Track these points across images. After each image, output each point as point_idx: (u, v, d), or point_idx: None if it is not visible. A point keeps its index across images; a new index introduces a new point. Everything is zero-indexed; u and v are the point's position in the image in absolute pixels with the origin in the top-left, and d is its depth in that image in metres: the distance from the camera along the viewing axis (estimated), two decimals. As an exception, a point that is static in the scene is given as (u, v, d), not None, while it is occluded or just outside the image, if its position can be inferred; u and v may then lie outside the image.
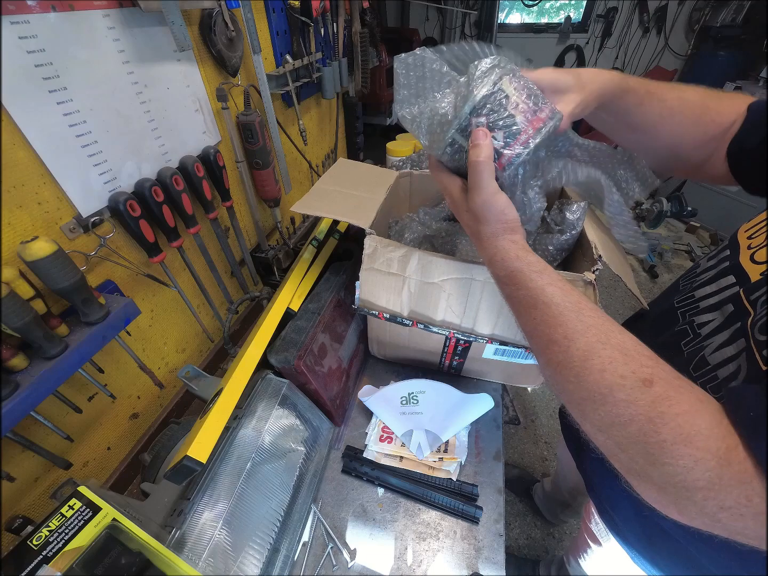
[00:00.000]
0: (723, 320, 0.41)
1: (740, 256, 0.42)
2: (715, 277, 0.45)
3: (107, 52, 0.58)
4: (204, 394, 0.64)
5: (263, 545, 0.55)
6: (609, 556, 0.68)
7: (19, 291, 0.45)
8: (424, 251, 0.61)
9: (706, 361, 0.42)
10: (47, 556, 0.39)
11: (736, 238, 0.45)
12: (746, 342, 0.37)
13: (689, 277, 0.52)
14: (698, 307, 0.46)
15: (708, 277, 0.47)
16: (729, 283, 0.42)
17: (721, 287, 0.44)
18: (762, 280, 0.37)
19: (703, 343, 0.43)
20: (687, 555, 0.49)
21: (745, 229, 0.44)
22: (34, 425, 0.55)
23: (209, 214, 0.79)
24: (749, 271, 0.40)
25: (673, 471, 0.29)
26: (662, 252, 2.61)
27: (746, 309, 0.38)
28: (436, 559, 0.59)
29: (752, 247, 0.41)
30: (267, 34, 0.94)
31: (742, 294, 0.39)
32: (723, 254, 0.46)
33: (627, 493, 0.54)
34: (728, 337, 0.40)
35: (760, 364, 0.34)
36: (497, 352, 0.71)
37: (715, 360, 0.40)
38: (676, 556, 0.51)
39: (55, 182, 0.54)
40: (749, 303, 0.38)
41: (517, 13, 3.99)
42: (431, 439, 0.70)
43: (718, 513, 0.28)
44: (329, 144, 1.42)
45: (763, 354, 0.33)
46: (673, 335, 0.49)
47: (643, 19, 3.44)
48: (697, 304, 0.46)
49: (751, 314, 0.37)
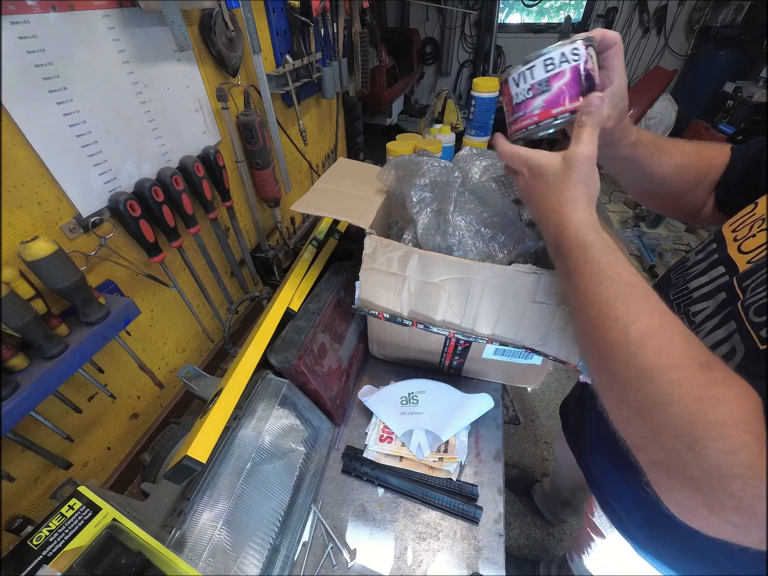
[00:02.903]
0: (715, 307, 0.43)
1: (728, 248, 0.45)
2: (707, 269, 0.47)
3: (107, 52, 0.58)
4: (204, 394, 0.64)
5: (263, 545, 0.55)
6: (612, 550, 0.68)
7: (19, 291, 0.45)
8: (424, 251, 0.61)
9: None
10: (47, 556, 0.39)
11: (721, 232, 0.48)
12: (737, 324, 0.38)
13: (680, 271, 0.54)
14: (692, 297, 0.48)
15: (700, 269, 0.49)
16: (719, 273, 0.45)
17: (712, 277, 0.46)
18: (753, 267, 0.39)
19: (697, 330, 0.45)
20: (691, 544, 0.49)
21: (729, 224, 0.47)
22: (34, 425, 0.55)
23: (209, 214, 0.79)
24: (737, 261, 0.43)
25: (714, 455, 0.28)
26: (662, 252, 2.61)
27: (737, 295, 0.40)
28: (436, 559, 0.59)
29: (738, 239, 0.44)
30: (267, 34, 0.94)
31: (735, 282, 0.41)
32: (710, 248, 0.49)
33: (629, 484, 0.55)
34: (718, 321, 0.42)
35: (757, 343, 0.35)
36: (497, 352, 0.71)
37: (707, 344, 0.41)
38: (680, 544, 0.51)
39: (55, 182, 0.54)
40: (741, 290, 0.40)
41: (517, 13, 3.99)
42: (431, 439, 0.70)
43: (756, 504, 0.27)
44: (329, 144, 1.42)
45: (762, 334, 0.34)
46: None
47: (643, 19, 3.44)
48: (691, 294, 0.48)
49: (741, 298, 0.39)
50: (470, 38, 3.94)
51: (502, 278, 0.58)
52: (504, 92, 0.47)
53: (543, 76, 0.43)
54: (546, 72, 0.43)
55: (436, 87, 4.28)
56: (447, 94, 1.54)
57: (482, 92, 1.33)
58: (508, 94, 0.46)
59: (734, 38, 3.05)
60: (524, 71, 0.44)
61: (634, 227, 2.83)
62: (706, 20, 3.23)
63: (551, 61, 0.42)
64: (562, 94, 0.43)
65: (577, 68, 0.42)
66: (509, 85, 0.46)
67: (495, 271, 0.58)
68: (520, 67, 0.44)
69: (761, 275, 0.37)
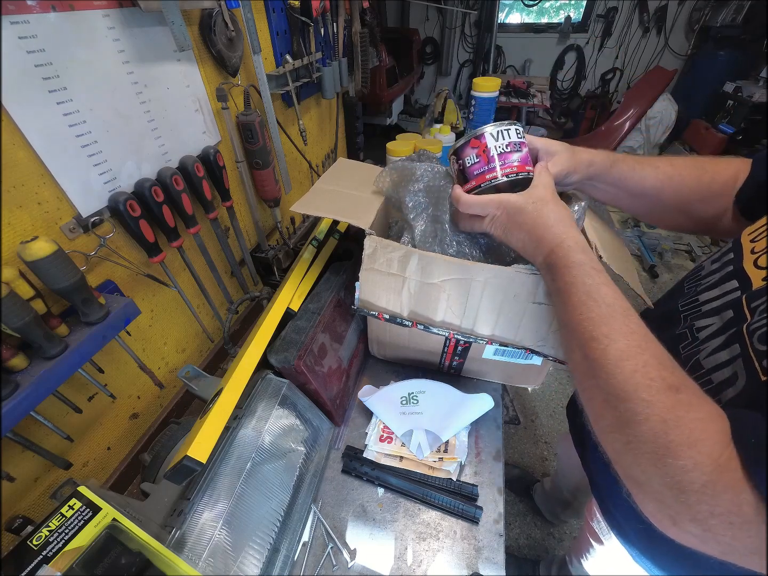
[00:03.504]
0: (721, 325, 0.42)
1: (743, 260, 0.43)
2: (719, 282, 0.46)
3: (107, 52, 0.58)
4: (204, 394, 0.64)
5: (263, 545, 0.55)
6: (611, 556, 0.68)
7: (19, 291, 0.45)
8: (423, 252, 0.61)
9: (701, 364, 0.42)
10: (47, 556, 0.39)
11: (740, 241, 0.45)
12: (741, 348, 0.37)
13: (693, 280, 0.52)
14: (700, 311, 0.46)
15: (712, 281, 0.47)
16: (732, 287, 0.43)
17: (724, 291, 0.44)
18: (764, 287, 0.38)
19: (699, 347, 0.44)
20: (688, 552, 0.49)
21: (749, 232, 0.45)
22: (34, 425, 0.55)
23: (209, 214, 0.79)
24: (752, 276, 0.40)
25: (673, 471, 0.30)
26: (662, 252, 2.61)
27: (745, 315, 0.38)
28: (436, 559, 0.59)
29: (755, 251, 0.42)
30: (267, 34, 0.94)
31: (744, 300, 0.40)
32: (727, 257, 0.47)
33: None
34: (722, 341, 0.41)
35: (759, 374, 0.34)
36: (497, 353, 0.71)
37: (709, 364, 0.41)
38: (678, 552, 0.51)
39: (55, 182, 0.54)
40: (749, 310, 0.38)
41: (517, 13, 3.99)
42: (431, 439, 0.70)
43: (709, 519, 0.29)
44: (329, 144, 1.42)
45: (764, 364, 0.34)
46: (673, 338, 0.49)
47: (643, 19, 3.44)
48: (700, 308, 0.47)
49: (748, 320, 0.37)
50: (470, 38, 3.94)
51: (502, 279, 0.58)
52: (474, 146, 0.52)
53: (516, 139, 0.51)
54: (518, 137, 0.52)
55: (436, 87, 4.29)
56: (447, 93, 1.54)
57: (482, 92, 1.33)
58: (483, 146, 0.51)
59: (734, 38, 3.06)
60: (502, 130, 0.51)
61: (634, 227, 2.83)
62: (706, 20, 3.24)
63: (519, 131, 0.52)
64: (527, 157, 0.52)
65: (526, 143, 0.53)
66: (485, 138, 0.51)
67: (495, 271, 0.58)
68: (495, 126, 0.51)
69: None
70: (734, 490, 0.28)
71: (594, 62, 3.84)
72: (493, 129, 0.51)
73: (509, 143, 0.51)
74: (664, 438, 0.31)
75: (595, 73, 3.91)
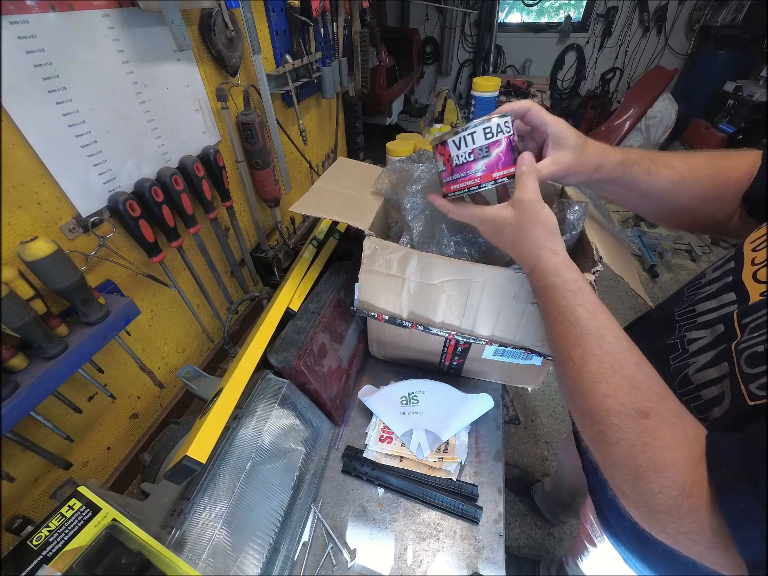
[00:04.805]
0: (711, 339, 0.41)
1: (743, 271, 0.41)
2: (717, 293, 0.44)
3: (107, 52, 0.57)
4: (204, 394, 0.64)
5: (263, 545, 0.55)
6: (604, 558, 0.68)
7: (19, 291, 0.45)
8: (423, 252, 0.61)
9: (690, 380, 0.42)
10: (47, 556, 0.39)
11: (742, 249, 0.43)
12: (729, 367, 0.37)
13: (693, 287, 0.51)
14: (695, 322, 0.45)
15: (711, 291, 0.45)
16: (729, 300, 0.42)
17: (721, 304, 0.42)
18: (757, 303, 0.37)
19: (689, 361, 0.43)
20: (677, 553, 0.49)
21: (751, 240, 0.43)
22: (34, 425, 0.55)
23: (209, 214, 0.79)
24: (750, 290, 0.39)
25: (642, 492, 0.32)
26: (662, 252, 2.61)
27: (735, 332, 0.38)
28: (436, 559, 0.59)
29: (755, 262, 0.40)
30: (267, 34, 0.94)
31: (735, 316, 0.39)
32: (728, 266, 0.45)
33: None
34: (711, 358, 0.40)
35: (745, 398, 0.33)
36: (497, 353, 0.71)
37: (698, 380, 0.41)
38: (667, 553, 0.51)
39: (54, 182, 0.54)
40: (740, 327, 0.37)
41: (517, 12, 3.98)
42: (431, 439, 0.70)
43: (676, 536, 0.32)
44: (329, 144, 1.42)
45: (751, 388, 0.33)
46: (665, 347, 0.48)
47: (643, 18, 3.44)
48: (695, 318, 0.46)
49: (738, 337, 0.37)
50: (470, 38, 3.94)
51: (501, 279, 0.58)
52: (441, 152, 0.50)
53: (483, 142, 0.47)
54: (486, 139, 0.47)
55: (436, 87, 4.28)
56: (447, 93, 1.54)
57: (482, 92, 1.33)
58: (447, 155, 0.49)
59: (734, 38, 3.05)
60: (465, 136, 0.47)
61: (634, 226, 2.83)
62: (706, 20, 3.23)
63: (490, 130, 0.46)
64: (500, 160, 0.47)
65: (510, 138, 0.47)
66: (448, 146, 0.48)
67: (494, 272, 0.58)
68: (459, 131, 0.47)
69: (762, 315, 0.34)
70: (697, 514, 0.29)
71: (594, 62, 3.84)
72: (456, 136, 0.47)
73: (473, 150, 0.47)
74: (633, 461, 0.33)
75: (595, 72, 3.90)
